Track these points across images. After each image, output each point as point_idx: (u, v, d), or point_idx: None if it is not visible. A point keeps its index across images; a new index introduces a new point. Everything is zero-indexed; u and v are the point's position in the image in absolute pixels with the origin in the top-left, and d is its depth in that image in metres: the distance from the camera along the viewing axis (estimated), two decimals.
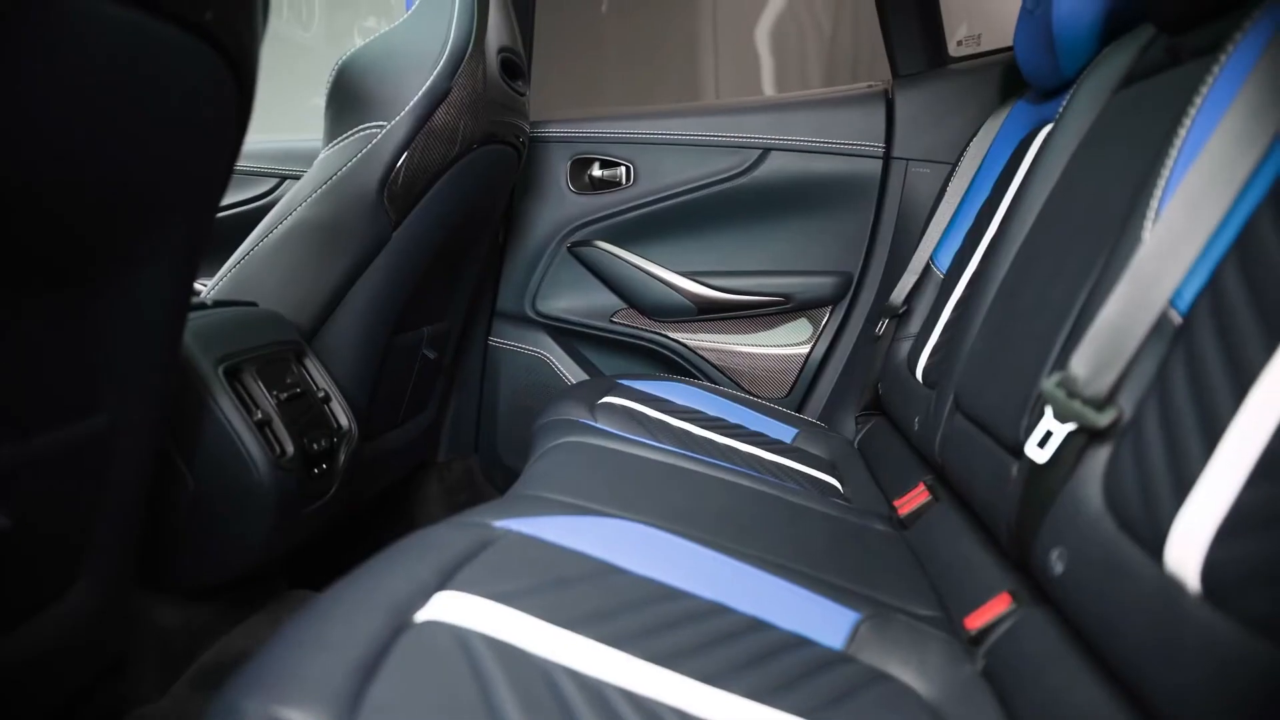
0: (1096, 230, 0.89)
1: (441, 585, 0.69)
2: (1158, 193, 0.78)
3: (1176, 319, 0.73)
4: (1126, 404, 0.74)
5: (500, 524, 0.82)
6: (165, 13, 0.51)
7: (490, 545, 0.78)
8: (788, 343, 1.78)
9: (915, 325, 1.52)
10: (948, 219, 1.54)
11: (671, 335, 1.79)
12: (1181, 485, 0.62)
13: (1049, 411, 0.79)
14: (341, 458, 1.16)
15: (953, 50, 1.73)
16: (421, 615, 0.64)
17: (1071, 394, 0.77)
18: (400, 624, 0.63)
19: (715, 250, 1.77)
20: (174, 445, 0.96)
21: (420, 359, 1.52)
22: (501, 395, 1.85)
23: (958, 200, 1.54)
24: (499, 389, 1.85)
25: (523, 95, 1.49)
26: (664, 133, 1.75)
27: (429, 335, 1.53)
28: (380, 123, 1.22)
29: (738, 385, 1.78)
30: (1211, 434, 0.62)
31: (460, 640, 0.62)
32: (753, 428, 1.53)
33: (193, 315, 1.04)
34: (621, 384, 1.54)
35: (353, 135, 1.22)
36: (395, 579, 0.68)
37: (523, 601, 0.69)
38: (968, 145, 1.58)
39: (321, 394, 1.17)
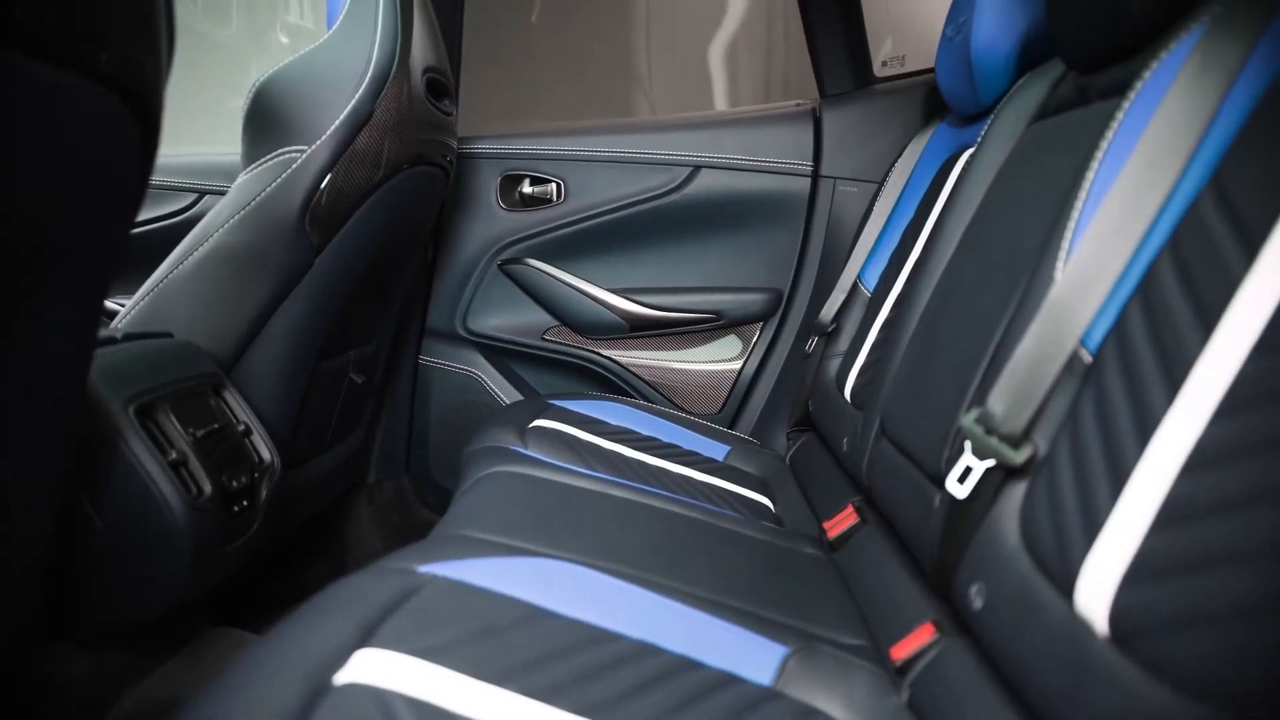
0: (1011, 265, 0.91)
1: (363, 642, 0.67)
2: (1068, 233, 0.81)
3: (1087, 358, 0.75)
4: (1042, 441, 0.76)
5: (425, 569, 0.81)
6: (53, 58, 0.48)
7: (415, 594, 0.76)
8: (719, 359, 1.79)
9: (844, 343, 1.55)
10: (874, 238, 1.57)
11: (604, 352, 1.79)
12: (1091, 528, 0.64)
13: (968, 447, 0.80)
14: (263, 493, 1.13)
15: (878, 71, 1.76)
16: (341, 677, 0.63)
17: (989, 430, 0.79)
18: (319, 688, 0.61)
19: (647, 267, 1.77)
20: (83, 490, 0.92)
21: (347, 383, 1.49)
22: (433, 414, 1.82)
23: (884, 220, 1.57)
24: (430, 408, 1.82)
25: (450, 115, 1.47)
26: (595, 149, 1.74)
27: (356, 359, 1.50)
28: (300, 147, 1.19)
29: (671, 402, 1.79)
30: (1118, 478, 0.64)
31: (381, 704, 0.60)
32: (686, 446, 1.53)
33: (101, 351, 1.01)
34: (554, 405, 1.53)
35: (271, 160, 1.19)
36: (314, 638, 0.66)
37: (448, 656, 0.68)
38: (893, 165, 1.62)
39: (242, 427, 1.13)
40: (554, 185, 1.76)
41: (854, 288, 1.57)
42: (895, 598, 0.97)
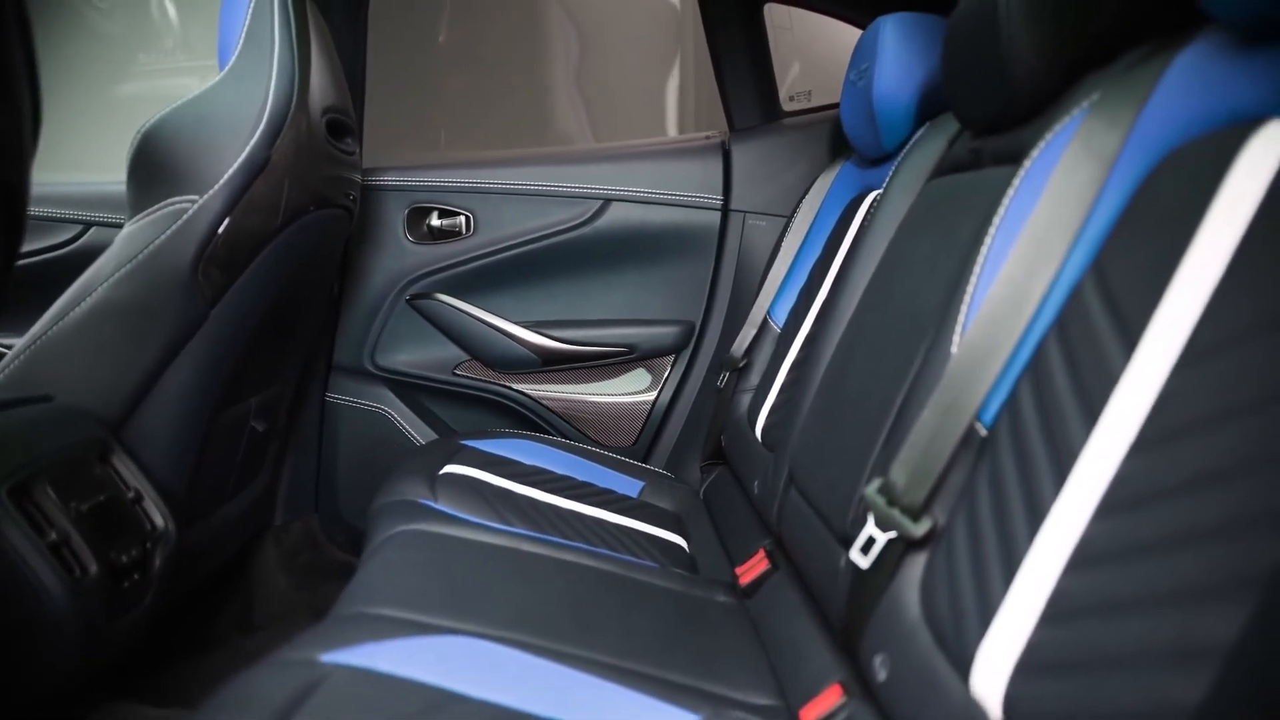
0: (911, 329, 0.93)
1: None
2: (964, 306, 0.83)
3: (983, 431, 0.77)
4: (941, 514, 0.78)
5: (328, 658, 0.79)
6: None
7: (318, 688, 0.74)
8: (632, 391, 1.79)
9: (754, 378, 1.56)
10: (783, 274, 1.59)
11: (516, 387, 1.77)
12: (985, 611, 0.66)
13: (871, 518, 0.82)
14: (156, 562, 1.08)
15: (785, 105, 1.79)
16: None
17: (891, 501, 0.81)
18: None
19: (559, 300, 1.76)
20: None
21: (249, 431, 1.44)
22: (341, 453, 1.77)
23: (792, 255, 1.59)
24: (338, 446, 1.77)
25: (352, 154, 1.43)
26: (505, 182, 1.72)
27: (257, 405, 1.45)
28: (192, 197, 1.14)
29: (585, 435, 1.78)
30: (1010, 562, 0.66)
31: None
32: (599, 484, 1.53)
33: None
34: (466, 446, 1.51)
35: (160, 210, 1.13)
36: None
37: None
38: (800, 201, 1.64)
39: (132, 494, 1.08)
40: (463, 218, 1.73)
41: (764, 323, 1.59)
42: (805, 653, 0.98)
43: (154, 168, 1.14)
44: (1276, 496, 0.48)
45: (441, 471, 1.37)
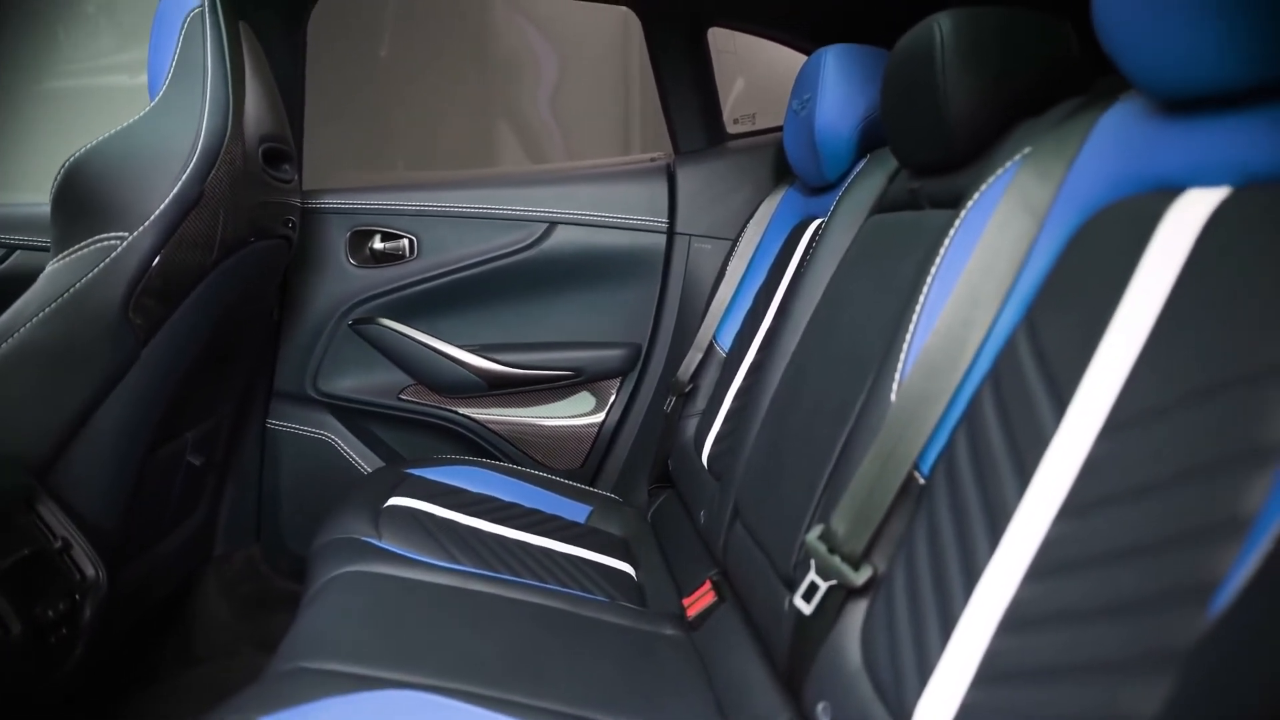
0: (852, 372, 0.94)
1: None
2: (902, 355, 0.84)
3: (921, 480, 0.78)
4: (881, 562, 0.79)
5: None
6: None
7: None
8: (578, 414, 1.78)
9: (701, 403, 1.57)
10: (729, 298, 1.60)
11: (462, 411, 1.75)
12: (923, 666, 0.67)
13: (813, 565, 0.83)
14: (86, 613, 1.05)
15: (730, 128, 1.80)
16: None
17: (832, 549, 0.81)
18: None
19: (504, 324, 1.74)
20: None
21: (185, 467, 1.40)
22: (284, 480, 1.74)
23: (737, 280, 1.60)
24: (281, 474, 1.73)
25: (290, 181, 1.40)
26: (448, 205, 1.70)
27: (194, 440, 1.41)
28: (120, 233, 1.10)
29: (532, 459, 1.77)
30: (946, 619, 0.67)
31: None
32: (547, 510, 1.52)
33: None
34: (411, 475, 1.49)
35: (86, 247, 1.10)
36: None
37: None
38: (745, 226, 1.65)
39: (59, 543, 1.04)
40: (407, 241, 1.70)
41: (710, 347, 1.60)
42: (752, 694, 0.99)
43: (80, 203, 1.11)
44: (1195, 573, 0.49)
45: (386, 505, 1.35)
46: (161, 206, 1.12)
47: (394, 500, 1.37)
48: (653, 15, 1.70)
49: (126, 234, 1.10)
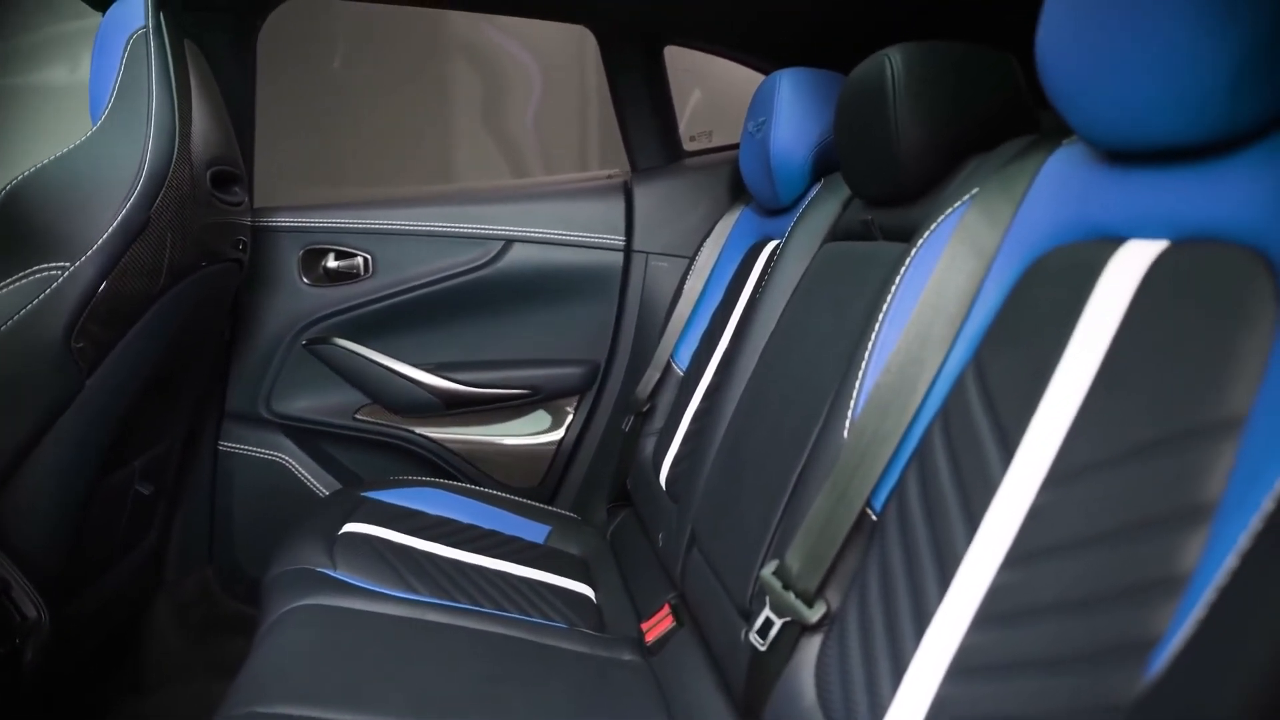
0: (805, 409, 0.95)
1: None
2: (854, 393, 0.85)
3: (873, 517, 0.79)
4: (834, 598, 0.80)
5: None
6: None
7: None
8: (536, 431, 1.78)
9: (659, 421, 1.57)
10: (686, 317, 1.60)
11: (419, 431, 1.74)
12: (876, 708, 0.68)
13: (768, 601, 0.83)
14: (28, 654, 1.02)
15: (687, 145, 1.80)
16: None
17: (786, 585, 0.82)
18: None
19: (461, 342, 1.73)
20: None
21: (133, 495, 1.37)
22: (237, 503, 1.70)
23: (695, 298, 1.61)
24: (234, 497, 1.70)
25: (240, 203, 1.38)
26: (404, 222, 1.69)
27: (142, 467, 1.38)
28: (61, 263, 1.07)
29: (490, 478, 1.76)
30: (897, 661, 0.68)
31: None
32: (506, 531, 1.52)
33: None
34: (367, 499, 1.47)
35: (26, 278, 1.07)
36: None
37: None
38: (702, 244, 1.66)
39: None
40: (361, 259, 1.68)
41: (668, 366, 1.60)
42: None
43: (18, 232, 1.08)
44: (1134, 630, 0.50)
45: (341, 531, 1.33)
46: (105, 235, 1.09)
47: (349, 526, 1.35)
48: (609, 34, 1.70)
49: (68, 264, 1.08)
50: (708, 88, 2.25)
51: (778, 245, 1.36)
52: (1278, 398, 0.48)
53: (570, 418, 1.77)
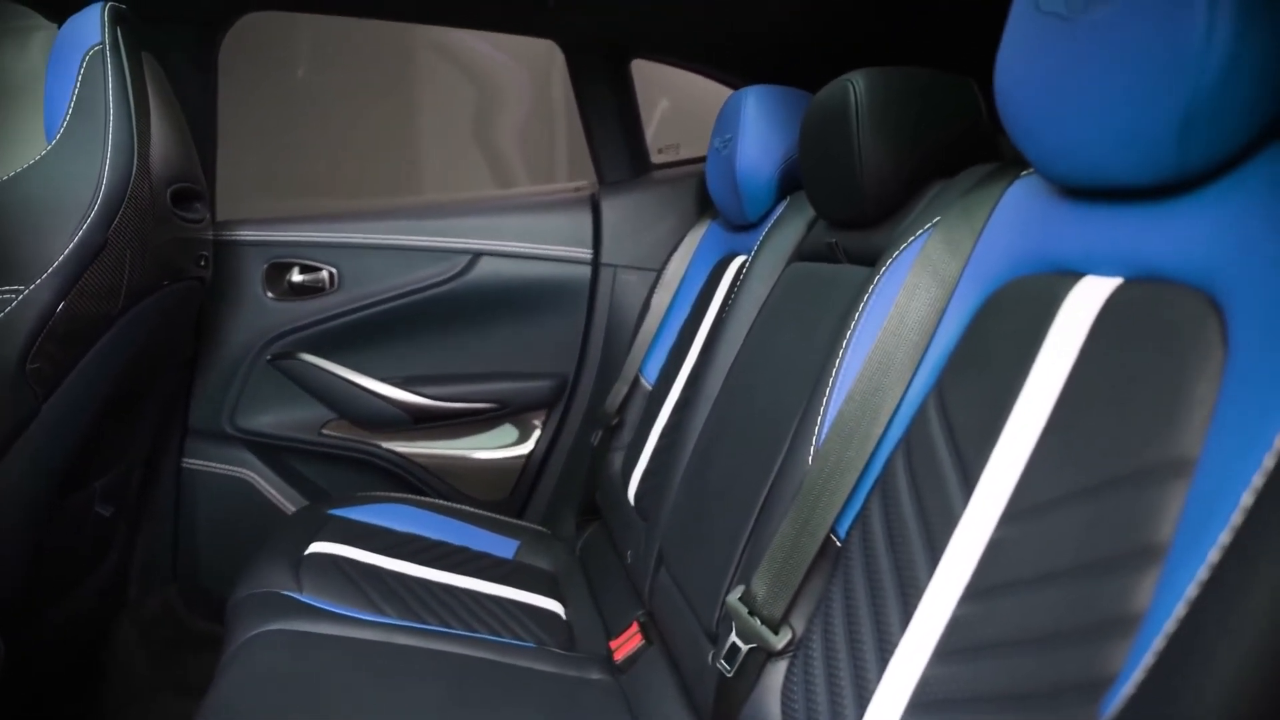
0: (770, 433, 0.96)
1: None
2: (819, 419, 0.85)
3: (837, 543, 0.80)
4: (799, 624, 0.80)
5: None
6: None
7: None
8: (505, 445, 1.77)
9: (627, 436, 1.57)
10: (654, 330, 1.61)
11: (386, 445, 1.73)
12: None
13: (734, 626, 0.84)
14: None
15: (654, 158, 1.80)
16: None
17: (752, 611, 0.83)
18: None
19: (429, 356, 1.72)
20: None
21: (93, 517, 1.35)
22: (201, 521, 1.68)
23: (663, 312, 1.61)
24: (197, 515, 1.68)
25: (201, 220, 1.36)
26: (370, 236, 1.67)
27: (102, 489, 1.36)
28: (15, 287, 1.05)
29: (458, 492, 1.75)
30: (861, 693, 0.68)
31: None
32: (475, 547, 1.51)
33: None
34: (334, 516, 1.46)
35: None
36: None
37: None
38: (669, 258, 1.66)
39: None
40: (326, 273, 1.67)
41: (636, 380, 1.60)
42: None
43: None
44: (1089, 669, 0.51)
45: (307, 551, 1.32)
46: (61, 257, 1.07)
47: (316, 546, 1.34)
48: (576, 47, 1.69)
49: (23, 287, 1.06)
50: (675, 96, 2.25)
51: (745, 261, 1.37)
52: (1226, 442, 0.50)
53: (538, 431, 1.77)
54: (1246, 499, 0.46)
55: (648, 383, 1.57)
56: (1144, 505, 0.52)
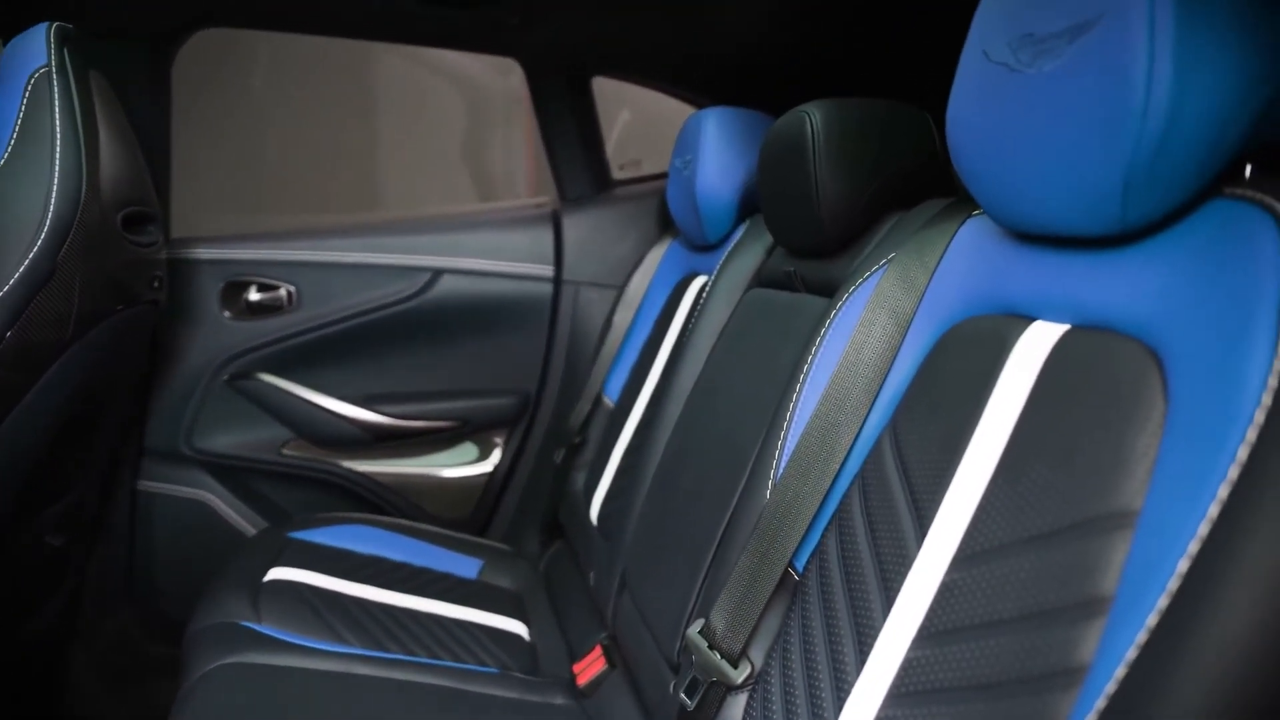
0: (730, 463, 0.96)
1: None
2: (776, 453, 0.86)
3: (795, 577, 0.81)
4: (758, 657, 0.81)
5: None
6: None
7: None
8: (467, 462, 1.76)
9: (590, 454, 1.57)
10: (616, 348, 1.61)
11: (347, 465, 1.71)
12: None
13: (695, 660, 0.84)
14: None
15: (615, 174, 1.80)
16: None
17: (712, 645, 0.83)
18: None
19: (390, 374, 1.71)
20: None
21: (44, 548, 1.32)
22: (158, 545, 1.65)
23: (624, 330, 1.62)
24: (154, 538, 1.65)
25: (154, 242, 1.33)
26: (329, 253, 1.65)
27: (53, 519, 1.33)
28: None
29: (421, 510, 1.74)
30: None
31: None
32: (438, 568, 1.50)
33: None
34: (294, 539, 1.44)
35: None
36: None
37: None
38: (631, 275, 1.66)
39: None
40: (285, 292, 1.65)
41: (599, 398, 1.60)
42: None
43: None
44: (1035, 718, 0.52)
45: (266, 578, 1.30)
46: (7, 286, 1.05)
47: (275, 572, 1.32)
48: (536, 65, 1.69)
49: None
50: (637, 107, 2.25)
51: (706, 282, 1.38)
52: (1168, 495, 0.51)
53: (499, 448, 1.76)
54: (1193, 548, 0.47)
55: (610, 401, 1.58)
56: (1088, 557, 0.53)
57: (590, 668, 1.23)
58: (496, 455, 1.76)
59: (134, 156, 1.30)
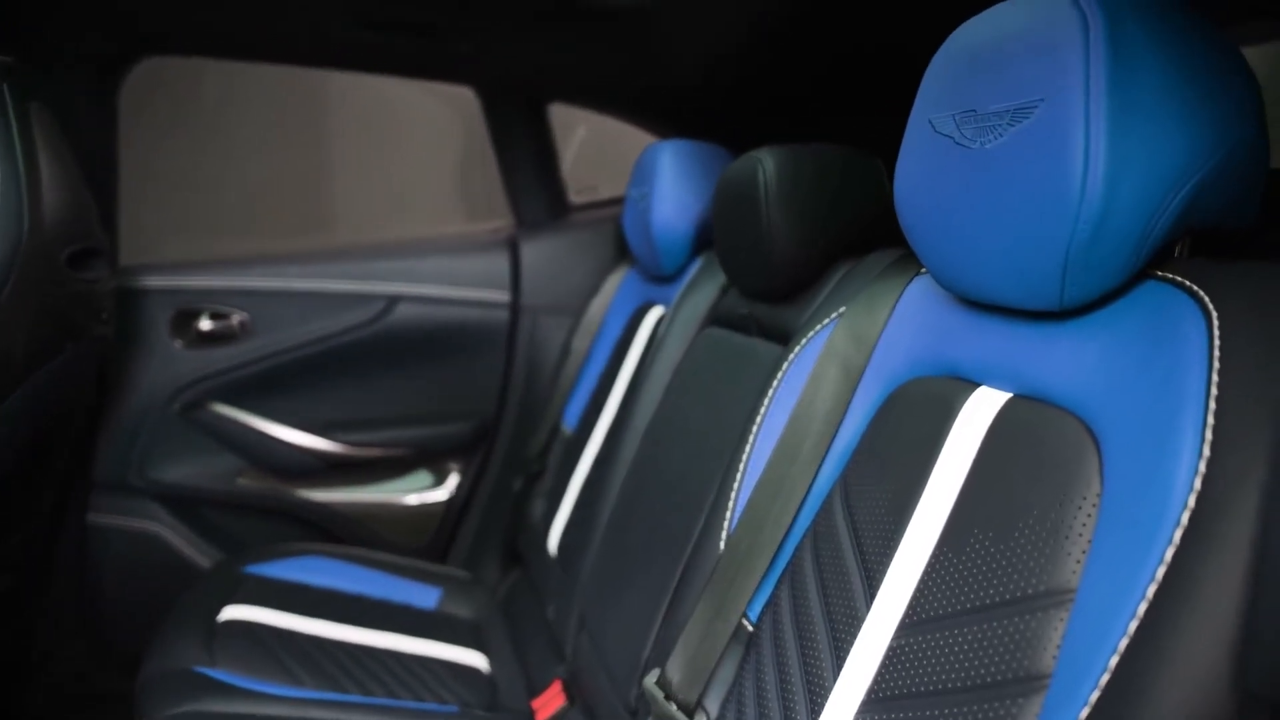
0: (684, 509, 0.97)
1: None
2: (729, 505, 0.87)
3: (749, 628, 0.82)
4: (713, 707, 0.82)
5: None
6: None
7: None
8: (424, 488, 1.76)
9: (549, 483, 1.57)
10: (574, 376, 1.61)
11: (303, 494, 1.69)
12: None
13: (652, 709, 0.85)
14: None
15: (572, 199, 1.80)
16: None
17: (668, 696, 0.84)
18: None
19: (347, 402, 1.69)
20: None
21: None
22: (108, 579, 1.62)
23: (582, 357, 1.62)
24: (104, 572, 1.62)
25: (100, 279, 1.31)
26: (283, 281, 1.63)
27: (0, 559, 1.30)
28: None
29: (379, 538, 1.73)
30: None
31: None
32: (396, 599, 1.49)
33: None
34: (250, 574, 1.42)
35: None
36: None
37: None
38: (589, 302, 1.66)
39: None
40: (237, 320, 1.62)
41: (557, 427, 1.60)
42: None
43: None
44: None
45: (220, 618, 1.29)
46: None
47: (230, 611, 1.30)
48: (491, 92, 1.68)
49: None
50: (593, 124, 2.25)
51: (662, 314, 1.38)
52: (1104, 573, 0.52)
53: (456, 475, 1.75)
54: (1132, 626, 0.49)
55: (568, 429, 1.58)
56: (1027, 632, 0.55)
57: (549, 704, 1.24)
58: (453, 481, 1.75)
59: (78, 191, 1.28)
